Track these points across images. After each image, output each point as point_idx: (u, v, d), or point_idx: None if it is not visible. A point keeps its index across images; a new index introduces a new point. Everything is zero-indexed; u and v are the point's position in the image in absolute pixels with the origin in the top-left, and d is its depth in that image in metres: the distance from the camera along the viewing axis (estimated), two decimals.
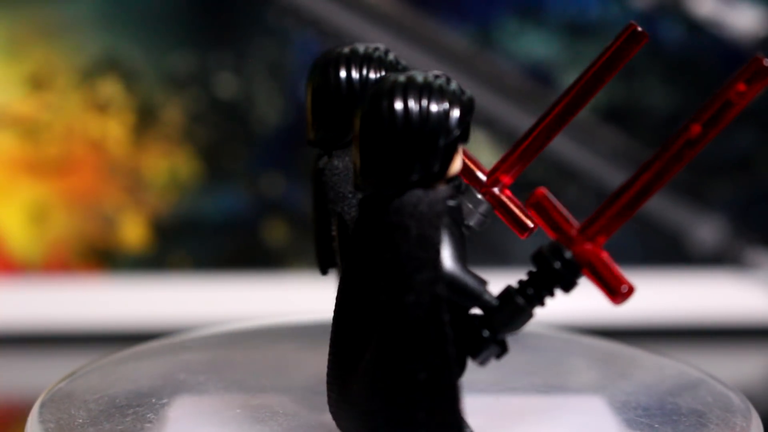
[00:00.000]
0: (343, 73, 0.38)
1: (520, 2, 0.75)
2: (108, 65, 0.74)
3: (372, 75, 0.38)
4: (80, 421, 0.40)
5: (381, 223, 0.33)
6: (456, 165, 0.33)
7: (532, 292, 0.33)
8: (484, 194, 0.38)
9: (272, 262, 0.76)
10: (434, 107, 0.33)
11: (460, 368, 0.33)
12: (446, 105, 0.33)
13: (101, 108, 0.75)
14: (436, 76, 0.34)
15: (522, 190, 0.39)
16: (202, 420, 0.40)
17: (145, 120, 0.75)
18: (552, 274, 0.32)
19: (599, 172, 0.74)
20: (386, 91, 0.33)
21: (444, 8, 0.75)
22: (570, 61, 0.75)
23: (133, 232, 0.76)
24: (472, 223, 0.38)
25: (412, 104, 0.33)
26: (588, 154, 0.74)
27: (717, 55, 0.75)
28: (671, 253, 0.76)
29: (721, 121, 0.30)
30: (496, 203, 0.38)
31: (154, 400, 0.41)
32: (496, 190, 0.38)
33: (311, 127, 0.39)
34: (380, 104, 0.33)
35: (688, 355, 0.65)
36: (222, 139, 0.75)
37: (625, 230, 0.75)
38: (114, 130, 0.75)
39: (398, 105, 0.33)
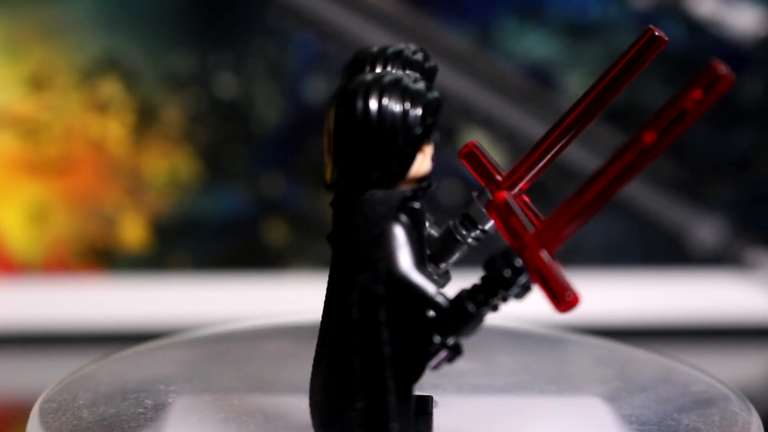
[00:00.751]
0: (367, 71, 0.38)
1: (520, 2, 0.75)
2: (108, 65, 0.74)
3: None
4: (81, 402, 0.41)
5: (341, 222, 0.33)
6: (421, 165, 0.33)
7: (483, 299, 0.32)
8: None
9: (272, 262, 0.76)
10: (394, 106, 0.33)
11: (415, 372, 0.33)
12: (407, 104, 0.33)
13: (101, 108, 0.75)
14: (407, 75, 0.33)
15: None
16: (194, 410, 0.40)
17: (145, 120, 0.75)
18: (502, 282, 0.32)
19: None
20: (351, 90, 0.33)
21: (444, 8, 0.75)
22: (570, 61, 0.75)
23: (133, 232, 0.76)
24: (487, 227, 0.38)
25: (372, 103, 0.33)
26: (588, 154, 0.74)
27: (717, 55, 0.74)
28: (671, 253, 0.76)
29: (677, 130, 0.30)
30: None
31: (162, 387, 0.42)
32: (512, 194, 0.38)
33: None
34: (342, 103, 0.33)
35: (689, 355, 0.65)
36: (222, 139, 0.75)
37: (625, 230, 0.76)
38: (114, 130, 0.75)
39: (359, 104, 0.33)
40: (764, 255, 0.76)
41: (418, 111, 0.33)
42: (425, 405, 0.36)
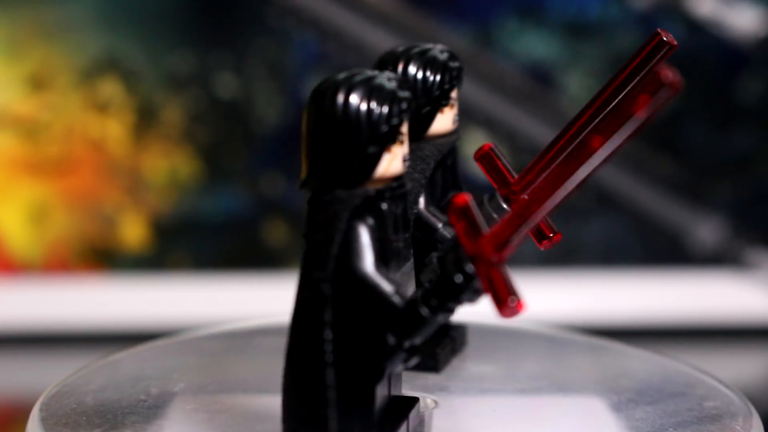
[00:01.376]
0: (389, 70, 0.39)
1: (520, 2, 0.75)
2: (108, 65, 0.74)
3: (412, 71, 0.40)
4: (91, 387, 0.41)
5: (308, 220, 0.33)
6: (390, 166, 0.33)
7: (436, 304, 0.32)
8: (512, 202, 0.38)
9: (272, 262, 0.76)
10: (360, 104, 0.32)
11: (374, 373, 0.33)
12: (373, 103, 0.32)
13: (101, 108, 0.75)
14: (383, 74, 0.33)
15: None
16: (193, 401, 0.41)
17: (145, 120, 0.75)
18: (454, 287, 0.32)
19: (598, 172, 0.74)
20: (321, 88, 0.33)
21: (444, 8, 0.75)
22: (570, 61, 0.75)
23: (133, 232, 0.76)
24: None
25: (338, 100, 0.32)
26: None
27: (717, 55, 0.75)
28: (671, 253, 0.76)
29: (625, 136, 0.29)
30: None
31: (176, 377, 0.43)
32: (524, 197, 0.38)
33: None
34: (312, 100, 0.33)
35: (689, 355, 0.65)
36: (222, 139, 0.75)
37: (625, 230, 0.76)
38: (114, 130, 0.75)
39: (326, 101, 0.32)
40: (764, 255, 0.76)
41: (384, 109, 0.32)
42: (406, 406, 0.36)
